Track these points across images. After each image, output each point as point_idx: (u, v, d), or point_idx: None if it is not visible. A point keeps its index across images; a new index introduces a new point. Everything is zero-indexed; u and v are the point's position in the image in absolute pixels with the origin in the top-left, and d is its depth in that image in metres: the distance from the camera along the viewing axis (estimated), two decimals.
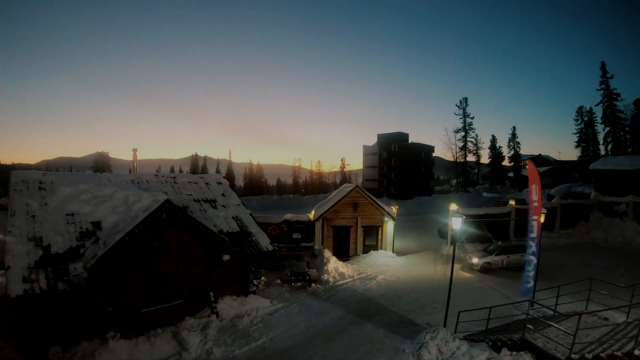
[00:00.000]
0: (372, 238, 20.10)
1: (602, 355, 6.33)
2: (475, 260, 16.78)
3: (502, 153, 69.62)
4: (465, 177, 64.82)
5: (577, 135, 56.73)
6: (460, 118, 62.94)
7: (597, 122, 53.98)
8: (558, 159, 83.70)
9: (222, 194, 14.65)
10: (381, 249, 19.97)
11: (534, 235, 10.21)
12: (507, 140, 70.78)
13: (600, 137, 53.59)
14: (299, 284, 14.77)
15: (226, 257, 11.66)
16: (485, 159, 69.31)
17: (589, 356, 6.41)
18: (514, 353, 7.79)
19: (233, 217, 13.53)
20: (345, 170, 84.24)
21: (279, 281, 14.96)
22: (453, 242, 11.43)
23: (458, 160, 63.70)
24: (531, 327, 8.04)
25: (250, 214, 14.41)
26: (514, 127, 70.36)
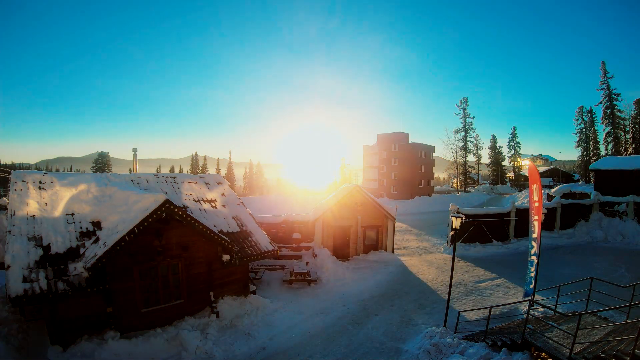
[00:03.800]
0: (372, 238, 20.09)
1: (602, 355, 6.31)
2: None
3: (502, 153, 69.79)
4: (466, 177, 64.89)
5: (577, 135, 56.78)
6: (461, 118, 63.09)
7: (597, 122, 54.08)
8: (558, 159, 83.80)
9: (222, 194, 14.65)
10: (381, 249, 19.96)
11: (535, 235, 10.21)
12: (507, 140, 70.97)
13: (600, 137, 53.69)
14: (299, 284, 14.78)
15: (226, 257, 11.66)
16: (485, 159, 69.49)
17: (589, 356, 6.39)
18: (514, 353, 7.79)
19: (233, 217, 13.54)
20: (345, 170, 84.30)
21: (279, 281, 14.97)
22: (453, 242, 11.42)
23: (458, 160, 63.79)
24: (531, 327, 8.03)
25: (250, 214, 14.42)
26: (514, 127, 70.58)
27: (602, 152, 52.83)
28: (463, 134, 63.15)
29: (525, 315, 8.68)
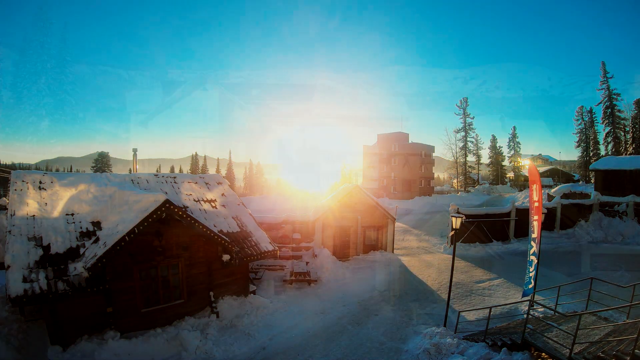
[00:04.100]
0: (372, 238, 20.09)
1: (602, 355, 6.31)
2: None
3: (502, 153, 69.81)
4: (466, 177, 64.94)
5: (577, 135, 56.80)
6: (460, 118, 63.19)
7: (597, 122, 54.11)
8: (558, 159, 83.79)
9: (222, 194, 14.65)
10: (381, 249, 19.97)
11: (535, 235, 10.22)
12: (507, 140, 70.97)
13: (600, 137, 53.72)
14: (299, 284, 14.78)
15: (226, 257, 11.66)
16: (485, 159, 69.52)
17: (589, 356, 6.40)
18: (514, 353, 7.79)
19: (233, 217, 13.54)
20: (345, 170, 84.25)
21: (279, 281, 14.97)
22: (453, 242, 11.42)
23: (458, 160, 63.85)
24: (531, 327, 8.04)
25: (250, 214, 14.42)
26: (514, 127, 70.55)
27: (602, 152, 52.88)
28: (463, 134, 63.24)
29: (525, 315, 8.68)
